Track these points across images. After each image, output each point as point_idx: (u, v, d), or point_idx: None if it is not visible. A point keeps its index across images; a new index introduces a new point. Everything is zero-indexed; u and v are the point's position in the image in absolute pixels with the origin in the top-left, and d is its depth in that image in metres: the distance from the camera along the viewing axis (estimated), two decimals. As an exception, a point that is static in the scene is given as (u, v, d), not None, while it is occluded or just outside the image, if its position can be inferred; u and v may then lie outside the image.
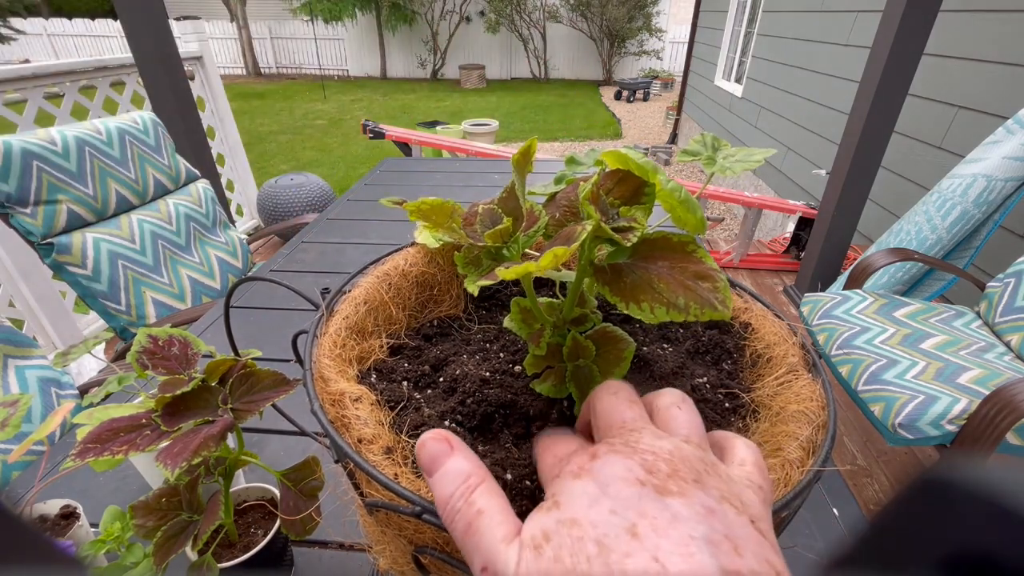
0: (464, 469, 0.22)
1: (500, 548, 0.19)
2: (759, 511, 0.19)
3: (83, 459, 0.37)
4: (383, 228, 1.46)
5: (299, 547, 0.57)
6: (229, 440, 0.46)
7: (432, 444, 0.23)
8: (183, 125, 2.11)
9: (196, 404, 0.40)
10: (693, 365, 0.36)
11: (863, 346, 1.29)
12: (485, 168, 2.02)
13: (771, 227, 3.78)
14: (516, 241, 0.29)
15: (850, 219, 2.19)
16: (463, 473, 0.22)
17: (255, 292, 1.13)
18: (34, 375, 0.96)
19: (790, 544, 0.54)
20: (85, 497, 0.63)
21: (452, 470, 0.22)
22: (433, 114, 8.12)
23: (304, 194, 3.02)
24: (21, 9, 13.33)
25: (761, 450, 0.28)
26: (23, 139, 1.20)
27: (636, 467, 0.19)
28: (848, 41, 3.08)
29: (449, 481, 0.22)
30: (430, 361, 0.36)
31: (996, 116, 1.97)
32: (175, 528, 0.43)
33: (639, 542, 0.16)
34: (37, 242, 1.23)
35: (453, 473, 0.22)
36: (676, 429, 0.23)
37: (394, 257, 0.42)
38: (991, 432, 1.00)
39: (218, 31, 12.07)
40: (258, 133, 6.83)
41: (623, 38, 11.39)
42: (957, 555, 0.11)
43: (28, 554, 0.11)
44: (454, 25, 11.67)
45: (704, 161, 0.35)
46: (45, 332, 1.99)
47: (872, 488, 1.50)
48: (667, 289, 0.25)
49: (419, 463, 0.23)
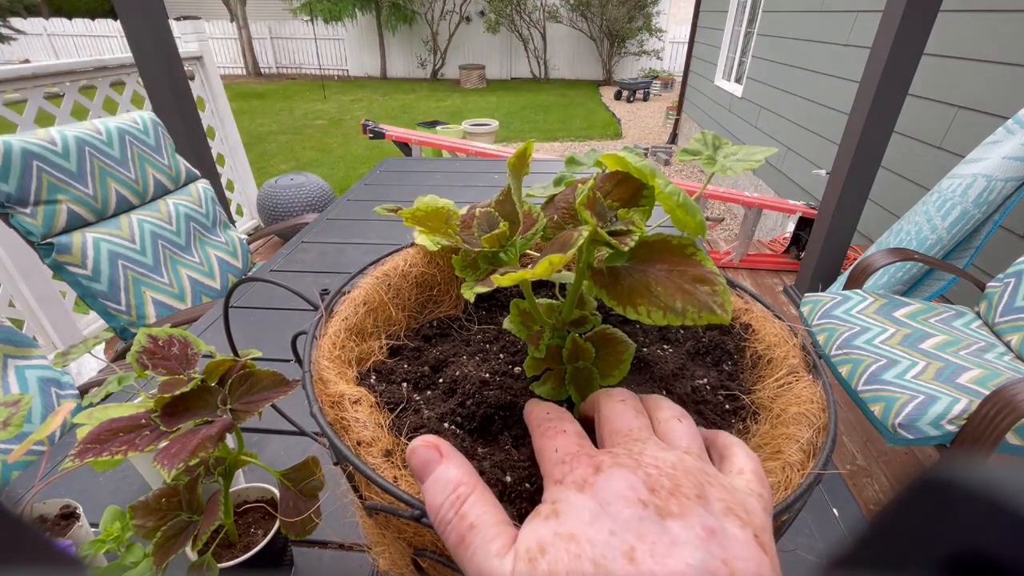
0: (453, 477, 0.22)
1: (494, 563, 0.19)
2: (762, 521, 0.19)
3: (83, 459, 0.37)
4: (383, 228, 1.46)
5: (299, 547, 0.57)
6: (229, 440, 0.46)
7: (422, 451, 0.23)
8: (183, 125, 2.11)
9: (195, 404, 0.40)
10: (693, 366, 0.36)
11: (863, 346, 1.29)
12: (485, 168, 2.02)
13: (771, 227, 3.78)
14: (513, 245, 0.29)
15: (850, 219, 2.19)
16: (452, 482, 0.22)
17: (255, 292, 1.13)
18: (34, 375, 0.96)
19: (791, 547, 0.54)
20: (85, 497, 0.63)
21: (441, 478, 0.22)
22: (433, 114, 8.12)
23: (304, 194, 3.02)
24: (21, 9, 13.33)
25: (762, 452, 0.28)
26: (23, 139, 1.20)
27: (639, 484, 0.19)
28: (848, 41, 3.07)
29: (439, 490, 0.22)
30: (430, 362, 0.36)
31: (996, 116, 1.96)
32: (175, 528, 0.43)
33: (635, 567, 0.16)
34: (37, 242, 1.23)
35: (442, 482, 0.22)
36: (676, 441, 0.23)
37: (394, 258, 0.42)
38: (991, 432, 1.00)
39: (218, 31, 12.07)
40: (258, 133, 6.83)
41: (623, 38, 11.38)
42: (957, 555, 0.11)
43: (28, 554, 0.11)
44: (454, 25, 11.66)
45: (704, 161, 0.35)
46: (45, 332, 1.99)
47: (872, 488, 1.50)
48: (665, 293, 0.25)
49: (411, 470, 0.23)
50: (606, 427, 0.24)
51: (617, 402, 0.25)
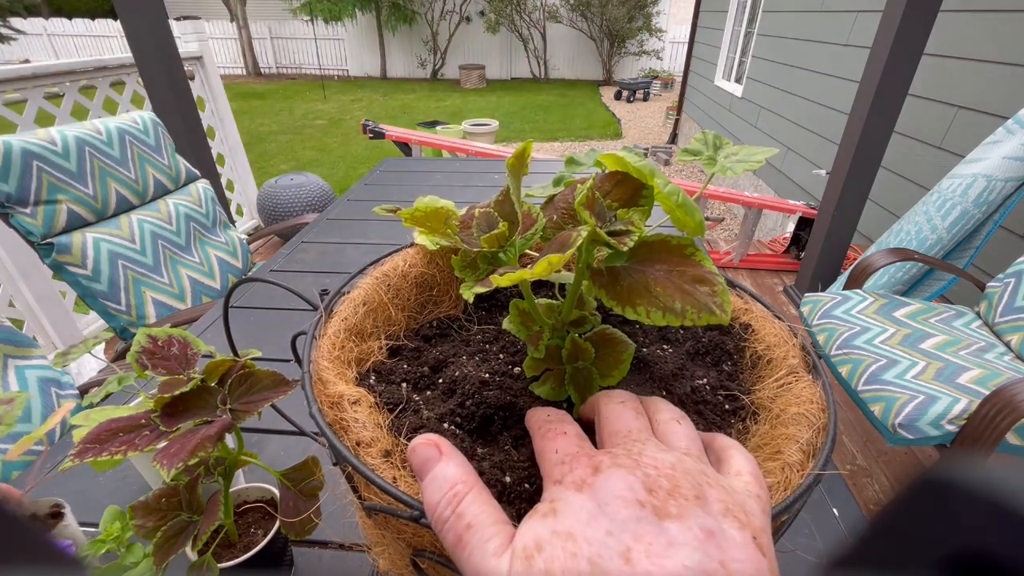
0: (451, 476, 0.22)
1: (491, 563, 0.19)
2: (761, 523, 0.19)
3: (82, 459, 0.37)
4: (383, 228, 1.46)
5: (299, 547, 0.57)
6: (229, 440, 0.46)
7: (421, 449, 0.23)
8: (183, 125, 2.11)
9: (195, 404, 0.40)
10: (693, 367, 0.36)
11: (863, 346, 1.29)
12: (485, 168, 2.02)
13: (771, 227, 3.78)
14: (512, 245, 0.29)
15: (850, 219, 2.19)
16: (450, 480, 0.22)
17: (255, 292, 1.13)
18: (34, 375, 0.96)
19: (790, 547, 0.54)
20: (85, 497, 0.63)
21: (439, 476, 0.22)
22: (433, 114, 8.11)
23: (304, 194, 3.02)
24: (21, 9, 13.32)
25: (761, 453, 0.28)
26: (23, 139, 1.20)
27: (637, 485, 0.19)
28: (848, 41, 3.07)
29: (436, 488, 0.22)
30: (429, 363, 0.36)
31: (996, 116, 1.96)
32: (175, 528, 0.43)
33: (631, 567, 0.16)
34: (37, 242, 1.23)
35: (440, 480, 0.22)
36: (675, 443, 0.23)
37: (393, 258, 0.42)
38: (991, 432, 1.00)
39: (218, 31, 12.07)
40: (258, 133, 6.83)
41: (623, 38, 11.38)
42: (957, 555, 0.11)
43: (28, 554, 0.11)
44: (454, 25, 11.66)
45: (705, 161, 0.35)
46: (45, 332, 1.99)
47: (872, 488, 1.50)
48: (664, 293, 0.24)
49: (411, 468, 0.23)
50: (606, 428, 0.24)
51: (617, 404, 0.25)
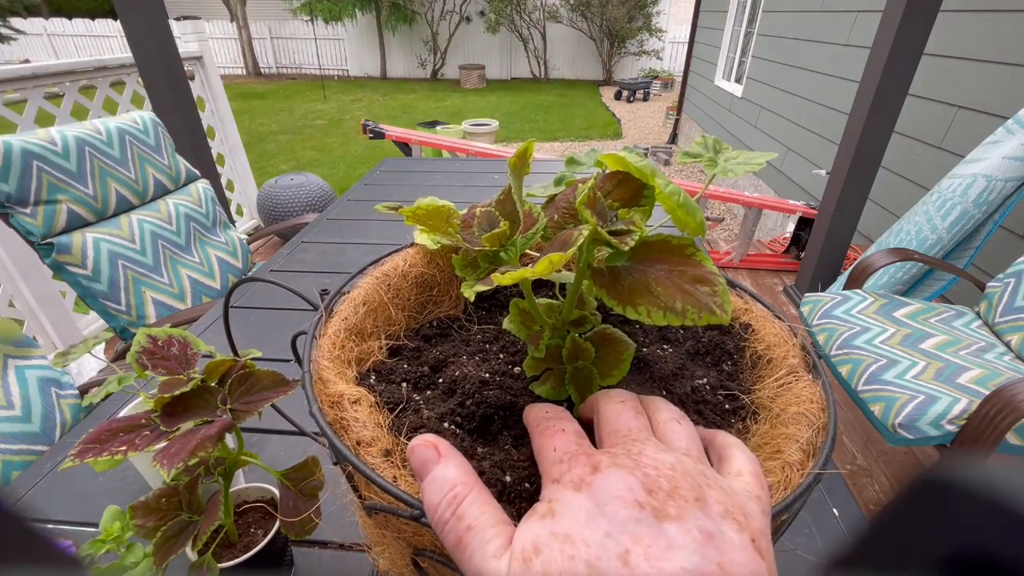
0: (451, 477, 0.22)
1: (491, 565, 0.19)
2: (760, 524, 0.19)
3: (82, 459, 0.37)
4: (383, 228, 1.46)
5: (299, 547, 0.57)
6: (229, 440, 0.46)
7: (420, 450, 0.23)
8: (183, 125, 2.11)
9: (195, 404, 0.40)
10: (693, 366, 0.36)
11: (863, 346, 1.29)
12: (485, 168, 2.02)
13: (771, 227, 3.78)
14: (513, 244, 0.29)
15: (850, 219, 2.19)
16: (449, 482, 0.22)
17: (255, 292, 1.13)
18: (34, 375, 0.96)
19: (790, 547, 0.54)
20: (85, 497, 0.63)
21: (439, 477, 0.22)
22: (433, 114, 8.11)
23: (304, 194, 3.02)
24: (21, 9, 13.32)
25: (761, 452, 0.28)
26: (23, 139, 1.20)
27: (636, 485, 0.19)
28: (848, 41, 3.07)
29: (436, 489, 0.21)
30: (429, 362, 0.36)
31: (996, 116, 1.96)
32: (175, 528, 0.43)
33: (629, 570, 0.16)
34: (37, 242, 1.23)
35: (440, 481, 0.22)
36: (675, 443, 0.23)
37: (393, 258, 0.42)
38: (991, 432, 1.00)
39: (218, 31, 12.07)
40: (258, 133, 6.83)
41: (623, 38, 11.38)
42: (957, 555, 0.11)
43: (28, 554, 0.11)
44: (454, 25, 11.66)
45: (705, 163, 0.35)
46: (45, 332, 1.99)
47: (872, 488, 1.50)
48: (664, 293, 0.24)
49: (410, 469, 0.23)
50: (605, 428, 0.24)
51: (616, 403, 0.25)
